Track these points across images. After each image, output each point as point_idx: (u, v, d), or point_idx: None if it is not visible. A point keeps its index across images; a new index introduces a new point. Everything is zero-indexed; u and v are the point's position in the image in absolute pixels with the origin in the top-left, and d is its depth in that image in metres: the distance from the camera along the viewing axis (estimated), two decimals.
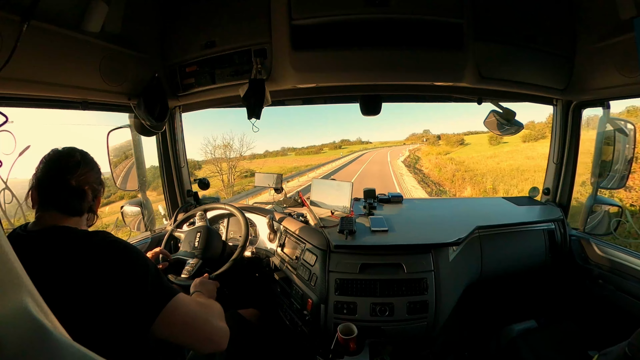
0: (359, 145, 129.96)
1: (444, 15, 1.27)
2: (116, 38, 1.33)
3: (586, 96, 1.60)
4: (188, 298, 0.85)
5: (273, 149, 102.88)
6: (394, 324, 1.29)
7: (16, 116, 1.12)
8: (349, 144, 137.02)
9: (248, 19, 1.41)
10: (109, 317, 0.71)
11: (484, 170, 22.42)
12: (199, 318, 0.82)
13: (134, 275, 0.75)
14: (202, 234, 1.50)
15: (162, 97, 1.60)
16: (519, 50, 1.42)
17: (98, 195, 0.92)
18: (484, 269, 1.61)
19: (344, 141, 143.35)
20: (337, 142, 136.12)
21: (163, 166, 2.01)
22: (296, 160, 58.93)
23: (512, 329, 1.65)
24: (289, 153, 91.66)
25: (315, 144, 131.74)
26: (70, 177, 0.83)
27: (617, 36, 1.26)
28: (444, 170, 24.54)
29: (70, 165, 0.84)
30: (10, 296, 0.34)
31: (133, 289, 0.74)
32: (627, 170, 1.62)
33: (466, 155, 31.33)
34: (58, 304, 0.46)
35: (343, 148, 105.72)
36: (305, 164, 42.95)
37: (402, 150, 58.98)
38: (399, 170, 27.72)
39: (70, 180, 0.82)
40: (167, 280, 0.86)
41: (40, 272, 0.59)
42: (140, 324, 0.74)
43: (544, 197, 1.97)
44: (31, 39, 0.98)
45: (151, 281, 0.76)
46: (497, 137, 26.61)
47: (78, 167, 0.84)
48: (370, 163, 37.82)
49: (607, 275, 1.53)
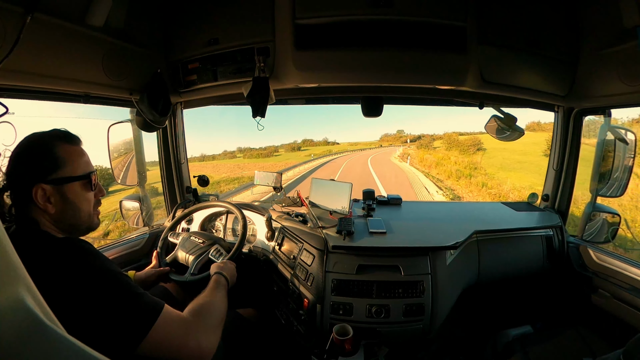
0: (323, 146, 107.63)
1: (448, 18, 1.27)
2: (119, 33, 1.33)
3: (588, 103, 1.60)
4: (171, 314, 0.80)
5: (230, 149, 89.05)
6: (390, 325, 1.29)
7: (17, 108, 1.12)
8: (312, 144, 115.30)
9: (252, 17, 1.41)
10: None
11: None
12: (183, 335, 0.79)
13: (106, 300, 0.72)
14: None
15: (165, 93, 1.60)
16: (522, 55, 1.42)
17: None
18: (481, 273, 1.61)
19: (306, 141, 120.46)
20: (298, 143, 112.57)
21: (163, 162, 2.01)
22: (234, 167, 43.87)
23: (508, 333, 1.65)
24: (238, 155, 77.13)
25: (275, 144, 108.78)
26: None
27: (620, 44, 1.26)
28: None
29: None
30: (7, 289, 0.34)
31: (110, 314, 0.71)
32: (627, 178, 1.62)
33: (507, 169, 21.57)
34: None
35: (303, 150, 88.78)
36: (234, 176, 30.87)
37: (386, 154, 47.71)
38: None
39: None
40: (145, 296, 0.80)
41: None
42: (125, 347, 0.72)
43: (543, 204, 1.97)
44: (34, 32, 0.98)
45: (127, 304, 0.73)
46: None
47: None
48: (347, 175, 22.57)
49: (603, 283, 1.53)
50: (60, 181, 0.81)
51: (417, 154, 38.69)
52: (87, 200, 0.87)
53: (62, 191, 0.81)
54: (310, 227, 1.57)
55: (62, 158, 0.81)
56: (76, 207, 0.84)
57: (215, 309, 0.96)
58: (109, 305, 0.71)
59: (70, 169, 0.83)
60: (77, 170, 0.84)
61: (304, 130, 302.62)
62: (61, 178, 0.81)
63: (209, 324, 0.89)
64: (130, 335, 0.72)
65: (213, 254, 1.46)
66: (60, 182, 0.81)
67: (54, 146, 0.81)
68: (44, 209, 0.79)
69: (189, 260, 1.46)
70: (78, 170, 0.84)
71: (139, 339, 0.72)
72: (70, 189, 0.83)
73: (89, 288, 0.71)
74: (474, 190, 18.79)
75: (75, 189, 0.84)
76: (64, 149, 0.83)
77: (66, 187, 0.82)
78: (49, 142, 0.81)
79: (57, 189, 0.80)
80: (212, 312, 0.94)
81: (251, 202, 2.03)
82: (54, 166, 0.80)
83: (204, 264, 1.46)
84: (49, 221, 0.81)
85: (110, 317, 0.71)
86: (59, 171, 0.81)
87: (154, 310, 0.77)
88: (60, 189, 0.81)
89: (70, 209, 0.83)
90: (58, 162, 0.81)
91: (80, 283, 0.71)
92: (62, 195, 0.81)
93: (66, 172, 0.82)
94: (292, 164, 32.69)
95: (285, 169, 23.89)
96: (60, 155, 0.81)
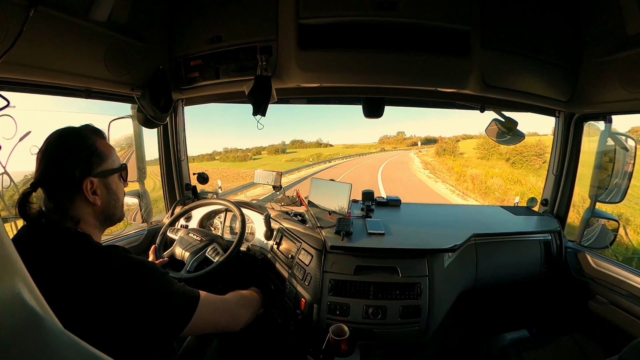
0: (314, 148, 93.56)
1: (452, 22, 1.27)
2: (122, 28, 1.32)
3: (589, 109, 1.61)
4: (209, 297, 0.93)
5: (217, 149, 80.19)
6: (386, 327, 1.29)
7: (19, 101, 1.12)
8: (302, 145, 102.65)
9: (255, 15, 1.41)
10: (126, 331, 0.75)
11: None
12: (221, 312, 0.98)
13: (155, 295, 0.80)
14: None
15: (167, 89, 1.60)
16: (525, 60, 1.42)
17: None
18: (479, 276, 1.61)
19: (295, 142, 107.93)
20: (285, 144, 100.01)
21: (163, 159, 2.01)
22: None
23: (504, 337, 1.65)
24: (216, 157, 71.53)
25: (264, 144, 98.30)
26: None
27: (623, 51, 1.26)
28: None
29: None
30: (3, 282, 0.34)
31: (157, 307, 0.79)
32: (627, 184, 1.62)
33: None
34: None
35: (288, 152, 79.12)
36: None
37: (400, 165, 34.79)
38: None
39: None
40: (182, 285, 0.89)
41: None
42: (170, 334, 0.82)
43: (542, 208, 1.97)
44: (37, 25, 0.98)
45: (177, 294, 0.84)
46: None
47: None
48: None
49: (601, 289, 1.53)
50: (105, 174, 0.86)
51: (442, 164, 30.57)
52: (122, 191, 0.94)
53: (107, 183, 0.87)
54: (308, 227, 1.57)
55: (103, 152, 0.86)
56: (117, 197, 0.90)
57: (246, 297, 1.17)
58: (157, 303, 0.80)
59: (111, 162, 0.88)
60: (115, 162, 0.89)
61: (302, 129, 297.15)
62: (105, 171, 0.86)
63: (241, 303, 1.11)
64: (177, 322, 0.83)
65: (210, 253, 1.47)
66: (105, 174, 0.86)
67: (95, 141, 0.85)
68: (93, 201, 0.83)
69: (186, 257, 1.46)
70: (115, 162, 0.90)
71: (185, 323, 0.84)
72: (112, 181, 0.89)
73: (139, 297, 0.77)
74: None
75: (115, 180, 0.90)
76: (102, 143, 0.87)
77: (110, 179, 0.88)
78: (90, 137, 0.85)
79: (103, 181, 0.85)
80: (244, 296, 1.16)
81: (250, 200, 2.03)
82: (100, 160, 0.85)
83: (200, 262, 1.46)
84: (91, 215, 0.85)
85: (158, 311, 0.79)
86: (103, 164, 0.85)
87: (191, 294, 0.88)
88: (105, 181, 0.86)
89: (113, 200, 0.89)
90: (102, 156, 0.85)
91: (134, 298, 0.77)
92: (107, 187, 0.87)
93: (108, 165, 0.87)
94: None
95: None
96: (102, 149, 0.86)
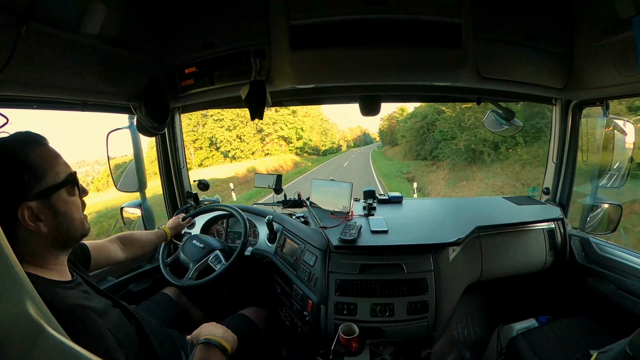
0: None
1: (443, 14, 1.27)
2: (115, 40, 1.33)
3: (585, 95, 1.60)
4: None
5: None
6: (395, 324, 1.29)
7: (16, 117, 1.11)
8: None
9: (246, 19, 1.41)
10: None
11: None
12: None
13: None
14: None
15: (163, 99, 1.60)
16: (518, 49, 1.42)
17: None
18: (484, 268, 1.61)
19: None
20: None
21: (162, 167, 2.01)
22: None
23: (513, 328, 1.64)
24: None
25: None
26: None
27: (615, 35, 1.26)
28: None
29: None
30: (11, 298, 0.34)
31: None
32: (627, 169, 1.62)
33: None
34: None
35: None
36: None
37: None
38: None
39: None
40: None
41: None
42: None
43: (544, 197, 1.97)
44: (29, 41, 0.98)
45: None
46: None
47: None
48: None
49: (607, 274, 1.52)
50: (46, 193, 0.70)
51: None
52: (76, 206, 0.77)
53: (51, 204, 0.71)
54: (311, 228, 1.57)
55: (40, 166, 0.70)
56: (69, 217, 0.75)
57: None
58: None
59: (53, 176, 0.71)
60: (59, 175, 0.73)
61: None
62: (46, 189, 0.70)
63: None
64: None
65: (212, 261, 1.47)
66: (46, 194, 0.70)
67: (27, 154, 0.68)
68: (36, 229, 0.68)
69: (189, 264, 1.47)
70: (60, 175, 0.73)
71: None
72: (58, 199, 0.72)
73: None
74: None
75: (63, 197, 0.73)
76: (38, 155, 0.70)
77: (54, 199, 0.71)
78: (20, 151, 0.68)
79: (44, 203, 0.69)
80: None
81: (252, 204, 2.03)
82: (36, 177, 0.68)
83: (202, 269, 1.47)
84: (41, 245, 0.72)
85: None
86: (42, 182, 0.69)
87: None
88: (48, 203, 0.70)
89: (64, 221, 0.74)
90: (38, 172, 0.69)
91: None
92: (51, 208, 0.71)
93: (49, 181, 0.70)
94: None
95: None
96: (38, 163, 0.69)
